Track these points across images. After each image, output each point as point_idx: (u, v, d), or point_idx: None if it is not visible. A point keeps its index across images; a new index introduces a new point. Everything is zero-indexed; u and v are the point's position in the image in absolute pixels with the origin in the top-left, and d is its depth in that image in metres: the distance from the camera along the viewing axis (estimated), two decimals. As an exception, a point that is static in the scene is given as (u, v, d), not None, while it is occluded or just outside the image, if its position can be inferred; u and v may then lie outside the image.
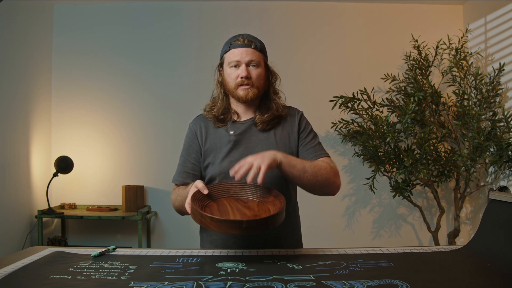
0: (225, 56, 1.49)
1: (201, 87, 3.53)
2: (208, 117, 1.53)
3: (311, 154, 1.49)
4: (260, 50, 1.46)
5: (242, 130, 1.48)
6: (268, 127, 1.49)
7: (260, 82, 1.46)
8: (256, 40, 1.48)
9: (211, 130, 1.51)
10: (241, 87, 1.44)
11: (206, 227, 1.14)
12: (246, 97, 1.44)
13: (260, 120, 1.48)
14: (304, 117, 1.57)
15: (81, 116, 3.52)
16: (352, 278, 1.01)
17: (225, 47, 1.49)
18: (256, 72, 1.44)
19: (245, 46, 1.44)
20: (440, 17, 3.54)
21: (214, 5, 3.54)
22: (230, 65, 1.46)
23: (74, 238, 3.49)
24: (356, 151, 3.35)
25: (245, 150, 1.46)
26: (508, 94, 3.03)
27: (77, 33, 3.55)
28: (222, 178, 1.46)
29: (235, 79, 1.44)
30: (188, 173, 1.51)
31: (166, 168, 3.48)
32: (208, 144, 1.50)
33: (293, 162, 1.32)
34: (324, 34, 3.55)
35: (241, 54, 1.43)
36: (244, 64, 1.43)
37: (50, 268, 1.11)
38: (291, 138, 1.50)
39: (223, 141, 1.48)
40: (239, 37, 1.47)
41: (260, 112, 1.49)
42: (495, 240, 1.19)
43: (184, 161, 1.53)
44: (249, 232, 1.11)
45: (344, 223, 3.52)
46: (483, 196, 3.29)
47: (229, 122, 1.51)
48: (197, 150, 1.51)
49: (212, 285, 0.97)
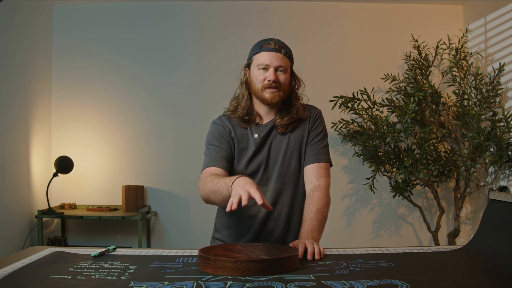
0: (254, 57, 1.51)
1: (201, 87, 3.55)
2: (233, 117, 1.55)
3: (312, 156, 1.53)
4: (288, 57, 1.51)
5: (265, 133, 1.52)
6: (287, 130, 1.53)
7: (286, 87, 1.50)
8: (286, 46, 1.52)
9: (238, 129, 1.54)
10: (268, 89, 1.47)
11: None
12: (272, 100, 1.48)
13: (280, 124, 1.52)
14: (319, 116, 1.60)
15: (81, 116, 3.52)
16: (352, 278, 1.01)
17: (255, 49, 1.52)
18: (284, 77, 1.49)
19: (275, 51, 1.48)
20: (440, 17, 3.54)
21: (214, 5, 3.54)
22: (259, 67, 1.48)
23: (74, 238, 3.49)
24: (356, 151, 3.35)
25: (266, 151, 1.52)
26: (508, 94, 3.02)
27: (77, 33, 3.55)
28: None
29: (263, 81, 1.48)
30: (223, 158, 1.48)
31: (166, 168, 3.48)
32: (236, 141, 1.52)
33: (317, 234, 1.41)
34: (324, 34, 3.55)
35: (271, 58, 1.47)
36: (273, 68, 1.47)
37: (50, 268, 1.11)
38: (303, 138, 1.55)
39: (250, 142, 1.52)
40: (270, 41, 1.50)
41: (280, 116, 1.53)
42: (495, 240, 1.19)
43: (217, 148, 1.50)
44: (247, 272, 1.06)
45: (344, 223, 3.52)
46: (483, 196, 3.29)
47: (252, 124, 1.54)
48: (229, 141, 1.52)
49: (212, 285, 0.96)
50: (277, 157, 1.51)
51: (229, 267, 1.05)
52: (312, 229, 1.40)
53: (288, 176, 1.52)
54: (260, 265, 1.05)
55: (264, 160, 1.51)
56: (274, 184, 1.51)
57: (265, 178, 1.51)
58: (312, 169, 1.52)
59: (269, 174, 1.51)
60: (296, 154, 1.53)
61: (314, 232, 1.39)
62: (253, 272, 1.04)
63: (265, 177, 1.51)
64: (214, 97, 3.49)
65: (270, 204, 1.46)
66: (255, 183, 1.24)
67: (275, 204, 1.50)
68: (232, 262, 1.05)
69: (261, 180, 1.51)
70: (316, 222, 1.42)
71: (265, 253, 1.25)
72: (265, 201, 1.16)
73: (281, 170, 1.51)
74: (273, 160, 1.52)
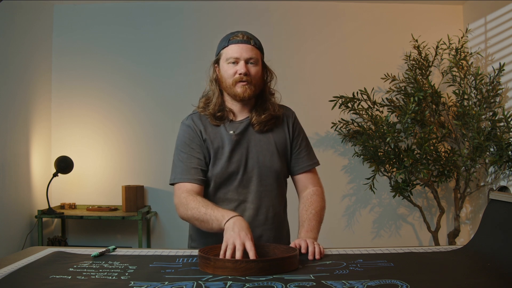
0: (222, 52, 1.44)
1: (201, 87, 3.50)
2: (204, 114, 1.47)
3: (305, 163, 1.52)
4: (258, 48, 1.44)
5: (241, 130, 1.45)
6: (265, 128, 1.46)
7: (258, 80, 1.43)
8: (254, 37, 1.45)
9: (210, 128, 1.46)
10: (239, 83, 1.40)
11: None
12: (244, 94, 1.40)
13: (257, 121, 1.45)
14: (297, 120, 1.56)
15: (81, 116, 3.52)
16: (352, 278, 1.01)
17: (222, 43, 1.45)
18: (255, 69, 1.41)
19: (244, 42, 1.40)
20: (440, 17, 3.54)
21: (214, 5, 3.53)
22: (228, 61, 1.41)
23: (74, 238, 3.49)
24: (356, 151, 3.35)
25: (244, 150, 1.44)
26: (508, 94, 3.02)
27: (77, 33, 3.55)
28: (224, 179, 1.44)
29: (233, 75, 1.40)
30: (197, 169, 1.41)
31: (166, 168, 3.44)
32: (209, 141, 1.44)
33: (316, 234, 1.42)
34: (324, 34, 3.55)
35: (241, 50, 1.39)
36: (243, 60, 1.39)
37: (50, 268, 1.11)
38: (287, 142, 1.51)
39: (225, 140, 1.43)
40: (237, 33, 1.43)
41: (256, 113, 1.46)
42: (495, 240, 1.19)
43: (188, 157, 1.42)
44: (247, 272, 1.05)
45: (344, 223, 3.52)
46: (483, 196, 3.29)
47: (226, 121, 1.46)
48: (201, 145, 1.44)
49: (212, 285, 0.96)
50: (257, 157, 1.44)
51: (229, 267, 1.05)
52: (312, 229, 1.41)
53: (270, 177, 1.45)
54: (260, 265, 1.05)
55: (243, 159, 1.43)
56: (256, 186, 1.44)
57: (245, 180, 1.44)
58: (306, 176, 1.52)
59: (250, 175, 1.44)
60: (278, 155, 1.46)
61: (313, 231, 1.40)
62: (253, 272, 1.04)
63: (246, 178, 1.44)
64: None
65: (253, 207, 1.43)
66: (249, 228, 1.19)
67: (259, 208, 1.44)
68: (232, 262, 1.05)
69: (241, 182, 1.43)
70: (315, 222, 1.43)
71: (265, 253, 1.25)
72: (256, 255, 1.13)
73: (262, 171, 1.44)
74: (253, 161, 1.44)
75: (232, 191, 1.45)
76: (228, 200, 1.45)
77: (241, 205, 1.45)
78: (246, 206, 1.45)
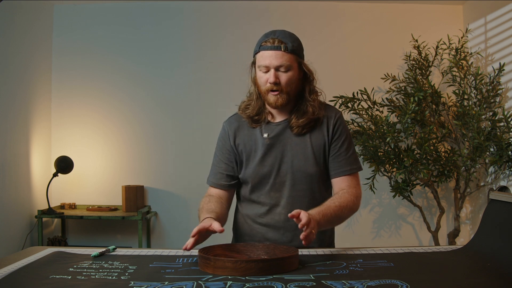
0: (256, 57, 1.42)
1: (201, 87, 3.54)
2: (243, 116, 1.48)
3: (342, 168, 1.44)
4: (291, 51, 1.37)
5: (277, 133, 1.44)
6: (304, 131, 1.43)
7: (291, 86, 1.39)
8: (288, 39, 1.38)
9: (246, 131, 1.47)
10: (270, 93, 1.38)
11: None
12: (276, 103, 1.38)
13: (296, 124, 1.42)
14: (341, 122, 1.47)
15: (81, 116, 3.52)
16: (352, 278, 1.01)
17: (256, 47, 1.42)
18: (286, 76, 1.37)
19: (274, 49, 1.35)
20: (440, 17, 3.54)
21: (214, 5, 3.53)
22: (259, 69, 1.39)
23: (74, 238, 3.49)
24: (356, 151, 3.34)
25: (279, 154, 1.43)
26: (508, 94, 3.02)
27: (77, 33, 3.55)
28: (256, 182, 1.45)
29: (265, 83, 1.38)
30: (222, 174, 1.49)
31: (166, 168, 3.48)
32: (242, 145, 1.46)
33: (324, 223, 1.30)
34: (324, 34, 3.55)
35: (270, 58, 1.35)
36: (273, 69, 1.36)
37: (50, 268, 1.11)
38: (325, 145, 1.45)
39: (258, 144, 1.44)
40: (269, 37, 1.38)
41: (295, 116, 1.42)
42: (495, 240, 1.19)
43: (218, 161, 1.50)
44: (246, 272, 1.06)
45: (344, 223, 3.49)
46: (483, 196, 3.29)
47: (263, 123, 1.45)
48: (230, 151, 1.48)
49: (212, 285, 0.96)
50: (292, 161, 1.42)
51: (229, 267, 1.05)
52: (321, 212, 1.30)
53: (304, 182, 1.43)
54: (260, 265, 1.05)
55: (276, 163, 1.42)
56: (288, 191, 1.43)
57: (278, 184, 1.43)
58: (343, 180, 1.45)
59: (283, 180, 1.43)
60: (314, 159, 1.42)
61: (320, 215, 1.28)
62: (253, 272, 1.04)
63: (278, 182, 1.43)
64: (214, 97, 3.50)
65: (284, 212, 1.40)
66: (204, 223, 1.26)
67: None
68: (232, 262, 1.05)
69: (273, 186, 1.43)
70: (330, 211, 1.32)
71: (265, 253, 1.25)
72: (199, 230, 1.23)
73: (296, 176, 1.42)
74: (287, 165, 1.42)
75: (265, 195, 1.45)
76: (260, 203, 1.47)
77: (273, 209, 1.45)
78: (277, 211, 1.45)
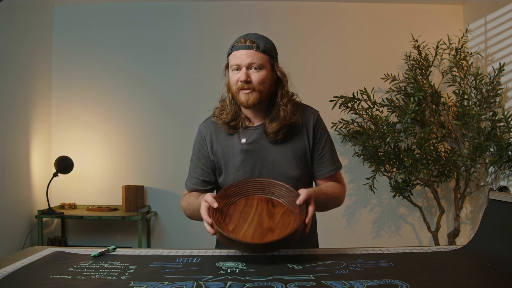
0: (228, 59, 1.40)
1: (201, 87, 3.54)
2: (218, 123, 1.45)
3: (327, 168, 1.46)
4: (264, 51, 1.35)
5: (255, 138, 1.41)
6: (278, 137, 1.40)
7: (263, 85, 1.36)
8: (261, 40, 1.37)
9: (223, 136, 1.44)
10: (241, 91, 1.35)
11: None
12: (247, 102, 1.35)
13: (270, 131, 1.39)
14: (319, 123, 1.47)
15: (81, 116, 3.52)
16: (352, 278, 1.01)
17: (229, 49, 1.41)
18: (258, 75, 1.34)
19: (246, 48, 1.34)
20: (440, 17, 3.54)
21: (214, 5, 3.54)
22: (232, 69, 1.37)
23: (74, 238, 3.49)
24: (356, 151, 3.35)
25: (259, 159, 1.41)
26: (508, 94, 3.02)
27: (77, 33, 3.55)
28: None
29: (236, 83, 1.36)
30: (198, 179, 1.47)
31: (166, 168, 3.48)
32: (220, 151, 1.43)
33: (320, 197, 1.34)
34: (324, 34, 3.55)
35: (242, 57, 1.34)
36: (244, 67, 1.34)
37: (50, 268, 1.11)
38: (306, 149, 1.44)
39: (235, 150, 1.41)
40: (242, 38, 1.38)
41: (269, 120, 1.40)
42: (495, 240, 1.19)
43: (194, 166, 1.48)
44: (252, 251, 1.16)
45: (344, 223, 3.52)
46: (483, 196, 3.29)
47: (240, 128, 1.43)
48: (206, 156, 1.46)
49: (212, 285, 0.97)
50: (273, 166, 1.40)
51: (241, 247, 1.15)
52: (319, 191, 1.34)
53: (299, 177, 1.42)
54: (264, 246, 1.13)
55: (257, 169, 1.40)
56: None
57: None
58: (329, 179, 1.48)
59: None
60: (296, 162, 1.41)
61: (318, 193, 1.32)
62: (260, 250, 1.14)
63: None
64: (214, 97, 3.48)
65: None
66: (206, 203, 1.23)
67: None
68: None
69: None
70: (325, 190, 1.38)
71: (260, 190, 1.31)
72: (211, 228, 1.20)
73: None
74: (268, 169, 1.40)
75: None
76: None
77: None
78: None
